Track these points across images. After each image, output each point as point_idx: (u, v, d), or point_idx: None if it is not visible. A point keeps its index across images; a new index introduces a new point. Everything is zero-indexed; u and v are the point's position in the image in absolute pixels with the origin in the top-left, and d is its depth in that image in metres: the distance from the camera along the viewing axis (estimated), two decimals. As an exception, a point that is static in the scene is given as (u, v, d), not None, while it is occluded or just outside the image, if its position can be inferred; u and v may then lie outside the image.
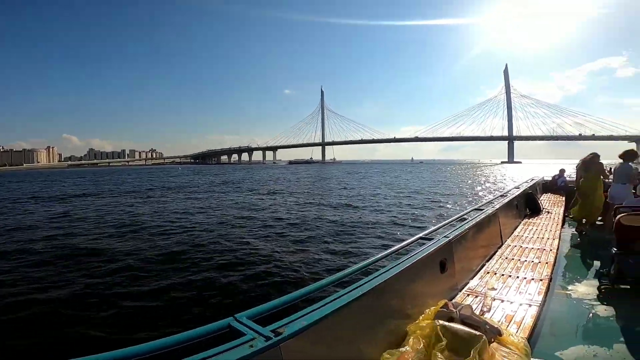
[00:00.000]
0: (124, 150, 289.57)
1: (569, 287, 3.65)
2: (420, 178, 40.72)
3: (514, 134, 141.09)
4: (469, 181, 35.72)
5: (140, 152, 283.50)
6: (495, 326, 1.93)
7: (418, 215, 13.73)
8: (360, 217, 13.17)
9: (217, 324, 1.28)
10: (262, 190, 26.16)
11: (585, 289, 3.52)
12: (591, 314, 3.01)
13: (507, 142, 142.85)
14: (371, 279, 1.88)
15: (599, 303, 3.18)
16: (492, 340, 1.86)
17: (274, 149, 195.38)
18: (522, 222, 5.60)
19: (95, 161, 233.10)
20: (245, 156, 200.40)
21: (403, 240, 2.67)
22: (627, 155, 6.13)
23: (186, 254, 8.15)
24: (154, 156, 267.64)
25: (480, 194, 22.54)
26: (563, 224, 6.80)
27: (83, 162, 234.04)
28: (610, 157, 8.40)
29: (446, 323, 1.79)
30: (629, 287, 3.34)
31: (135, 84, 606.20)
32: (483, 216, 3.88)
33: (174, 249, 8.65)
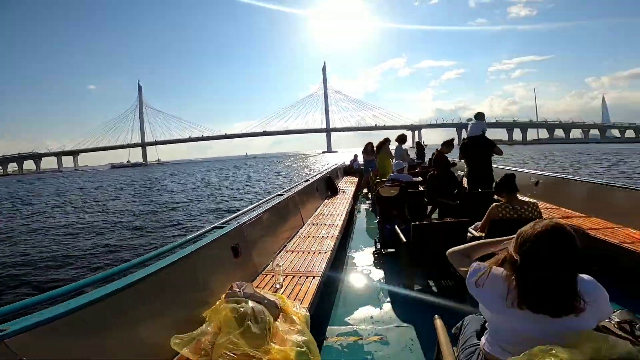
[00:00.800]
0: None
1: (356, 257, 4.21)
2: (248, 173, 40.90)
3: (331, 126, 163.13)
4: (292, 170, 38.42)
5: None
6: (273, 300, 2.00)
7: (230, 210, 13.78)
8: (160, 224, 12.04)
9: None
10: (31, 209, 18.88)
11: (367, 256, 4.09)
12: (368, 279, 3.48)
13: (325, 133, 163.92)
14: (145, 269, 1.74)
15: (374, 268, 3.72)
16: (277, 314, 1.93)
17: (74, 153, 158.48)
18: (323, 203, 6.23)
19: None
20: (30, 164, 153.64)
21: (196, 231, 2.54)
22: (399, 140, 7.88)
23: None
24: None
25: (296, 181, 24.58)
26: (357, 201, 8.15)
27: None
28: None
29: (234, 305, 1.79)
30: (393, 250, 3.87)
31: None
32: (280, 200, 4.08)
33: None
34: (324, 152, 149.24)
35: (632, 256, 2.83)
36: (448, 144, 5.47)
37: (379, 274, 3.55)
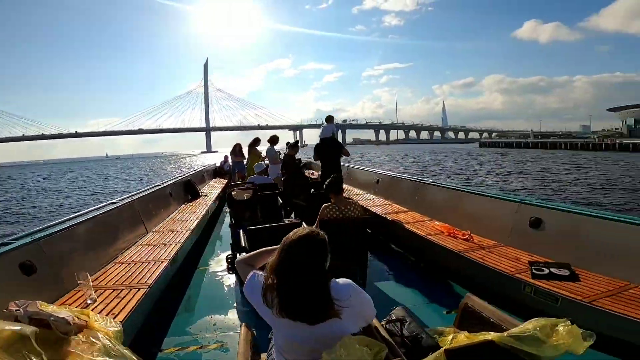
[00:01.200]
0: None
1: (211, 263, 4.03)
2: (104, 177, 35.57)
3: (211, 125, 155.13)
4: (159, 173, 34.94)
5: None
6: (64, 316, 1.79)
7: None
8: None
9: None
10: None
11: (221, 261, 3.91)
12: (218, 285, 3.39)
13: (205, 132, 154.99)
14: None
15: (226, 273, 3.59)
16: (70, 330, 1.74)
17: None
18: (179, 208, 5.75)
19: None
20: None
21: None
22: (271, 140, 7.76)
23: None
24: None
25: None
26: (225, 204, 7.81)
27: None
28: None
29: (5, 326, 1.53)
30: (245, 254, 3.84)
31: None
32: (111, 209, 3.68)
33: None
34: (202, 152, 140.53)
35: (433, 247, 3.33)
36: (293, 146, 5.64)
37: (230, 280, 3.49)
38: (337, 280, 1.17)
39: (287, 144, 11.67)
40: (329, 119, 5.64)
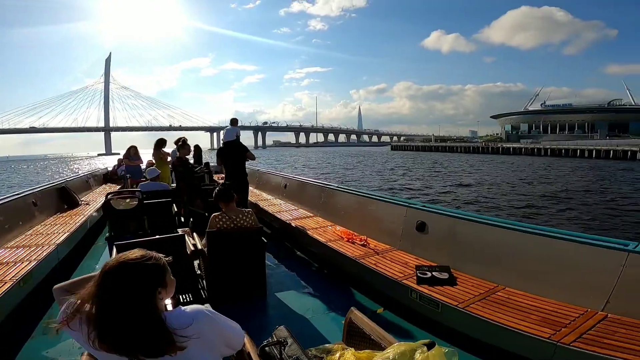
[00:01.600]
0: None
1: None
2: None
3: (111, 125, 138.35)
4: (33, 178, 30.25)
5: None
6: None
7: None
8: None
9: None
10: None
11: None
12: None
13: (104, 133, 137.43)
14: None
15: None
16: None
17: None
18: (48, 220, 4.92)
19: None
20: None
21: None
22: (176, 143, 6.93)
23: None
24: None
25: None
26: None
27: None
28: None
29: None
30: None
31: None
32: None
33: None
34: (100, 155, 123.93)
35: (334, 254, 3.28)
36: (182, 146, 5.07)
37: None
38: (184, 307, 1.03)
39: (195, 146, 10.89)
40: (233, 121, 5.25)
